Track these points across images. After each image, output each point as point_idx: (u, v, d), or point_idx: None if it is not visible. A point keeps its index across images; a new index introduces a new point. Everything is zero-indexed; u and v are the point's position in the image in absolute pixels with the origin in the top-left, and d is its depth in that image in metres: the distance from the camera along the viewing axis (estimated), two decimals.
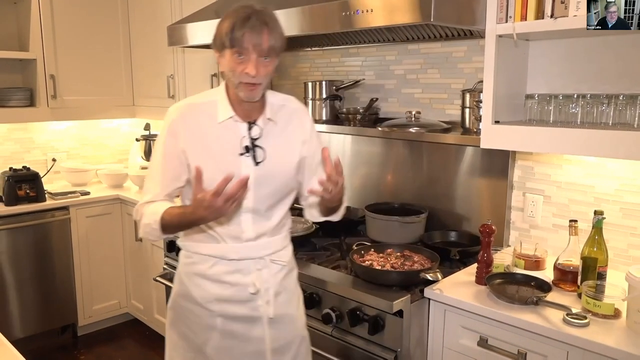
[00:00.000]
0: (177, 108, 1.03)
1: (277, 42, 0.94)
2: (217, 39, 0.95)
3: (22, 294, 2.07)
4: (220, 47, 0.95)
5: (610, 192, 1.27)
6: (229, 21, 0.92)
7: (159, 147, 1.02)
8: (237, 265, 1.02)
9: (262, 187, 1.01)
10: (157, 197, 1.01)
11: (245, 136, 1.00)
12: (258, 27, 0.91)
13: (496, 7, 1.15)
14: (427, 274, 1.16)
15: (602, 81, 1.20)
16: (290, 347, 1.08)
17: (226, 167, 0.96)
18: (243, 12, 0.92)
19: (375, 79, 1.75)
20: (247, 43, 0.91)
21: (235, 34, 0.91)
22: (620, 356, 0.90)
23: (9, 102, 2.19)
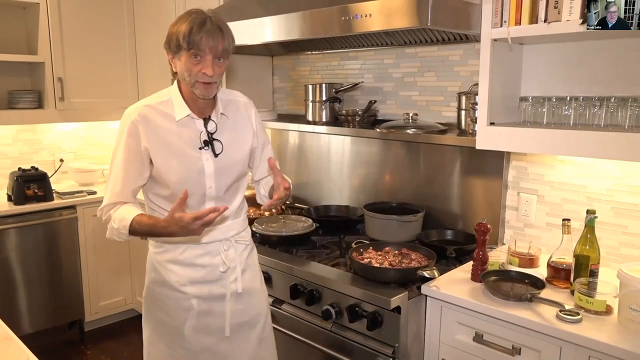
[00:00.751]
0: (134, 110, 1.06)
1: (230, 45, 1.02)
2: (173, 41, 1.01)
3: (30, 290, 2.11)
4: (176, 49, 1.01)
5: (602, 191, 1.29)
6: (186, 25, 0.98)
7: (120, 148, 1.05)
8: (206, 248, 1.10)
9: (222, 177, 1.10)
10: (121, 197, 1.06)
11: (202, 131, 1.08)
12: (213, 31, 0.98)
13: (491, 12, 1.17)
14: (424, 272, 1.17)
15: (594, 84, 1.22)
16: (259, 320, 1.18)
17: (189, 161, 1.06)
18: (199, 17, 0.99)
19: (373, 82, 1.77)
20: (204, 46, 0.98)
21: (193, 37, 0.97)
22: (612, 351, 0.92)
23: (18, 104, 2.23)
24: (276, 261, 1.39)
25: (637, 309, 0.96)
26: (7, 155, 2.37)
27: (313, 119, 1.83)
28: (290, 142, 2.07)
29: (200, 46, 0.98)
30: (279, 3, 1.50)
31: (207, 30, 0.98)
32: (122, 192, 1.06)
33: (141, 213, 1.05)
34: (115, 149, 1.07)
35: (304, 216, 1.69)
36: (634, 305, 0.97)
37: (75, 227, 2.22)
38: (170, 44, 1.02)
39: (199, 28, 0.97)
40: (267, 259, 1.42)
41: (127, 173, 1.05)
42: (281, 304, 1.41)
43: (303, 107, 1.90)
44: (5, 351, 0.86)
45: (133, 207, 1.06)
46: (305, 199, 2.01)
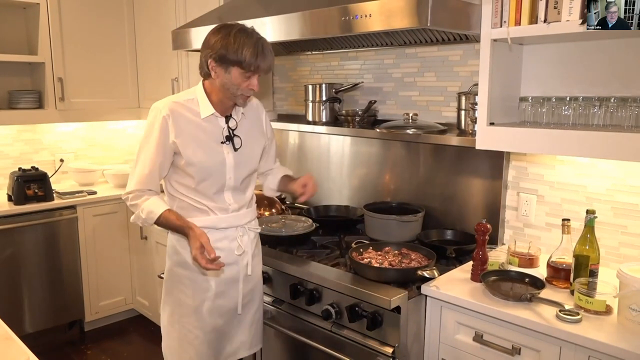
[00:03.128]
0: (164, 105, 1.16)
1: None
2: (228, 57, 1.09)
3: (30, 290, 2.11)
4: (229, 65, 1.10)
5: (602, 191, 1.29)
6: (249, 50, 1.07)
7: (152, 139, 1.15)
8: (224, 233, 1.22)
9: (240, 169, 1.23)
10: (147, 184, 1.16)
11: (224, 127, 1.20)
12: (269, 55, 1.11)
13: (491, 12, 1.17)
14: (424, 272, 1.18)
15: (593, 84, 1.22)
16: (258, 302, 1.34)
17: (213, 153, 1.18)
18: (256, 41, 1.09)
19: (373, 82, 1.77)
20: (261, 69, 1.11)
21: (258, 63, 1.09)
22: (612, 351, 0.92)
23: (19, 104, 2.23)
24: (276, 261, 1.39)
25: (636, 309, 0.97)
26: (8, 155, 2.38)
27: (313, 119, 1.83)
28: (290, 142, 2.07)
29: (259, 70, 1.10)
30: (279, 3, 1.50)
31: (266, 55, 1.10)
32: (149, 179, 1.16)
33: (169, 209, 1.17)
34: (144, 139, 1.16)
35: (304, 216, 1.69)
36: (633, 305, 0.97)
37: (76, 227, 2.23)
38: (222, 58, 1.09)
39: (262, 55, 1.09)
40: (267, 259, 1.42)
41: (155, 163, 1.15)
42: (281, 303, 1.41)
43: (303, 107, 1.90)
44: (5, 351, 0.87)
45: (160, 200, 1.18)
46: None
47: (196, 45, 1.74)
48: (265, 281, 1.44)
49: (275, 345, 1.46)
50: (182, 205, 1.21)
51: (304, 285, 1.33)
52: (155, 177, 1.17)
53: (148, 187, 1.16)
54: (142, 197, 1.16)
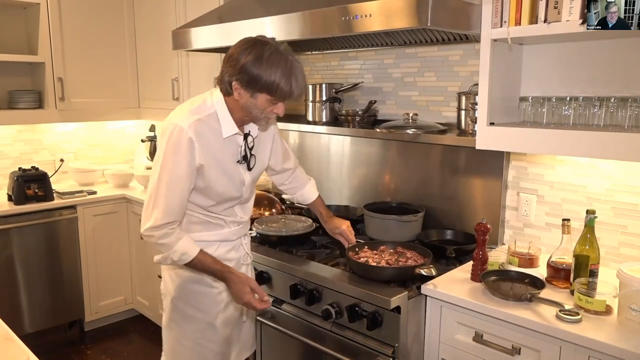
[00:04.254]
0: (189, 124, 1.04)
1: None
2: (257, 83, 1.00)
3: (30, 290, 2.11)
4: (256, 91, 1.02)
5: (602, 191, 1.29)
6: (280, 77, 0.99)
7: (180, 164, 1.04)
8: (233, 244, 1.22)
9: (252, 185, 1.22)
10: (178, 215, 1.07)
11: (242, 146, 1.15)
12: (301, 82, 1.04)
13: (491, 12, 1.17)
14: (421, 270, 1.18)
15: (593, 84, 1.22)
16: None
17: (233, 174, 1.14)
18: (290, 67, 1.00)
19: (373, 82, 1.77)
20: (293, 97, 1.04)
21: (290, 90, 1.02)
22: (612, 351, 0.92)
23: (19, 104, 2.23)
24: (276, 261, 1.39)
25: (636, 309, 0.97)
26: (8, 155, 2.38)
27: (313, 119, 1.83)
28: (290, 142, 2.07)
29: (289, 98, 1.04)
30: (279, 3, 1.50)
31: (299, 83, 1.02)
32: (179, 211, 1.07)
33: (202, 251, 1.10)
34: (168, 162, 1.04)
35: (304, 216, 1.69)
36: (633, 305, 0.97)
37: (76, 227, 2.23)
38: (250, 83, 1.01)
39: (295, 83, 1.01)
40: (267, 259, 1.42)
41: (185, 191, 1.06)
42: (281, 303, 1.41)
43: (303, 107, 1.90)
44: (5, 351, 0.87)
45: (191, 239, 1.10)
46: None
47: (196, 45, 1.74)
48: (265, 281, 1.44)
49: (275, 346, 1.46)
50: (193, 220, 1.14)
51: (304, 285, 1.33)
52: (185, 206, 1.08)
53: (177, 219, 1.06)
54: (171, 234, 1.05)
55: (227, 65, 1.04)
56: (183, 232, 1.09)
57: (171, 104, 2.32)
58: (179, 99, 2.27)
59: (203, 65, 2.11)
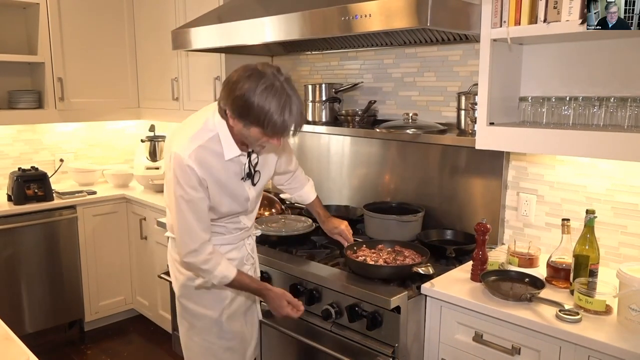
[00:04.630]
0: (189, 156, 1.04)
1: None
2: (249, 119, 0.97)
3: (30, 290, 2.11)
4: (249, 124, 0.98)
5: (602, 191, 1.29)
6: (272, 114, 0.95)
7: (189, 188, 1.05)
8: (235, 245, 1.24)
9: (257, 198, 1.24)
10: (208, 233, 1.11)
11: (246, 164, 1.15)
12: (297, 120, 0.99)
13: (491, 12, 1.17)
14: (419, 268, 1.19)
15: (593, 84, 1.22)
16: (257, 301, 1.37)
17: (237, 193, 1.15)
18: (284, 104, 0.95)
19: (373, 82, 1.77)
20: (285, 135, 1.01)
21: (282, 130, 0.98)
22: (611, 351, 0.92)
23: (19, 104, 2.23)
24: (276, 261, 1.39)
25: (636, 309, 0.97)
26: (7, 155, 2.38)
27: (313, 119, 1.83)
28: (290, 142, 2.07)
29: (282, 136, 1.00)
30: (279, 3, 1.50)
31: (294, 121, 0.98)
32: (205, 226, 1.11)
33: (239, 272, 1.14)
34: (177, 190, 1.06)
35: (303, 216, 1.69)
36: (633, 305, 0.97)
37: (76, 227, 2.23)
38: (242, 115, 0.98)
39: (290, 125, 0.97)
40: (267, 259, 1.42)
41: (201, 210, 1.08)
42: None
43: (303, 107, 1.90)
44: (5, 351, 0.87)
45: (228, 262, 1.14)
46: None
47: (196, 45, 1.74)
48: (265, 281, 1.43)
49: (275, 346, 1.46)
50: None
51: (304, 285, 1.33)
52: (209, 221, 1.11)
53: (207, 237, 1.10)
54: (210, 260, 1.09)
55: (223, 90, 1.01)
56: (220, 256, 1.13)
57: (171, 104, 2.32)
58: (178, 99, 2.27)
59: (203, 65, 2.11)
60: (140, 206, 2.28)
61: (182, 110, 2.27)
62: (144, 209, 2.25)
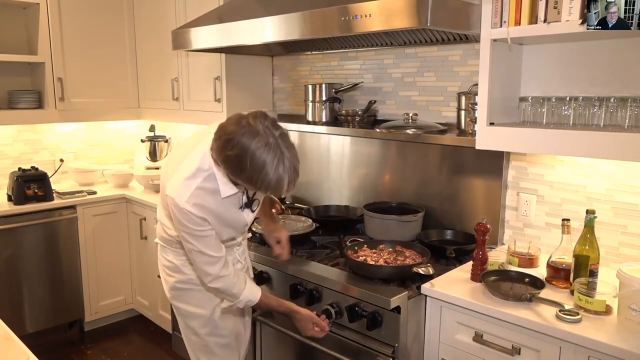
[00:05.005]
0: (187, 201, 1.03)
1: None
2: (243, 179, 0.97)
3: (30, 290, 2.11)
4: (244, 182, 0.98)
5: (602, 191, 1.29)
6: (264, 179, 0.94)
7: (200, 233, 1.07)
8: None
9: (253, 220, 1.25)
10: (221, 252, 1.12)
11: (243, 196, 1.16)
12: (292, 178, 0.97)
13: (491, 12, 1.17)
14: (419, 268, 1.19)
15: (593, 84, 1.22)
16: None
17: (236, 224, 1.16)
18: (275, 167, 0.94)
19: (373, 82, 1.78)
20: (277, 195, 1.06)
21: (278, 191, 0.98)
22: (611, 351, 0.92)
23: (19, 104, 2.23)
24: (276, 261, 1.39)
25: (636, 309, 0.97)
26: (8, 155, 2.38)
27: (313, 119, 1.83)
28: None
29: (275, 194, 1.07)
30: (279, 3, 1.50)
31: (289, 183, 0.97)
32: (220, 247, 1.13)
33: (264, 295, 1.19)
34: (184, 228, 1.07)
35: (303, 216, 1.69)
36: (633, 305, 0.97)
37: (76, 227, 2.23)
38: (233, 173, 0.97)
39: (285, 185, 0.96)
40: (267, 259, 1.42)
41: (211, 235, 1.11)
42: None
43: (303, 108, 1.90)
44: (5, 351, 0.87)
45: (252, 284, 1.19)
46: (305, 199, 2.01)
47: (196, 45, 1.74)
48: (265, 281, 1.44)
49: (275, 346, 1.47)
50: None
51: (304, 285, 1.33)
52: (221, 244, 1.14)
53: (223, 254, 1.12)
54: (235, 284, 1.13)
55: (215, 141, 0.99)
56: (243, 280, 1.16)
57: (171, 104, 2.32)
58: (178, 99, 2.27)
59: (203, 65, 2.11)
60: (140, 206, 2.28)
61: (182, 110, 2.27)
62: (144, 209, 2.25)
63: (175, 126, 2.72)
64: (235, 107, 2.04)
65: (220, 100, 2.03)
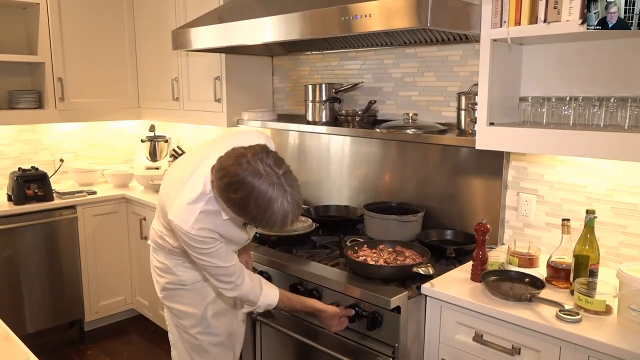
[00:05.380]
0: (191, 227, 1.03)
1: None
2: (247, 219, 0.98)
3: (30, 290, 2.11)
4: (247, 220, 0.99)
5: (602, 191, 1.29)
6: (268, 221, 0.95)
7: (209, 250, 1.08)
8: None
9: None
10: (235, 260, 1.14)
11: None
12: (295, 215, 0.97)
13: (491, 12, 1.17)
14: (419, 269, 1.19)
15: (593, 84, 1.22)
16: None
17: (239, 240, 1.18)
18: (279, 207, 0.94)
19: (373, 82, 1.78)
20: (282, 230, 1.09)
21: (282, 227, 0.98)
22: (611, 351, 0.92)
23: (19, 104, 2.23)
24: (276, 261, 1.40)
25: (636, 309, 0.97)
26: (8, 155, 2.38)
27: (313, 119, 1.83)
28: (290, 142, 2.07)
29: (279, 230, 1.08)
30: (279, 3, 1.50)
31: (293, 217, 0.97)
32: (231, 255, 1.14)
33: (282, 297, 1.19)
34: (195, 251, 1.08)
35: (303, 216, 1.69)
36: (633, 305, 0.97)
37: (76, 227, 2.23)
38: (237, 212, 0.97)
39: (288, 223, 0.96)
40: (267, 259, 1.42)
41: (223, 249, 1.11)
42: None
43: (303, 107, 1.90)
44: (5, 351, 0.87)
45: (269, 287, 1.19)
46: (305, 199, 2.01)
47: (196, 46, 1.74)
48: None
49: (275, 346, 1.47)
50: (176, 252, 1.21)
51: (304, 285, 1.33)
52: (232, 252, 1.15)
53: (236, 261, 1.13)
54: (251, 291, 1.13)
55: (216, 180, 0.97)
56: (259, 285, 1.16)
57: (171, 104, 2.32)
58: (178, 99, 2.27)
59: (203, 65, 2.11)
60: (140, 206, 2.28)
61: (182, 110, 2.27)
62: (144, 209, 2.25)
63: (175, 126, 2.72)
64: (235, 107, 2.04)
65: (220, 100, 2.03)
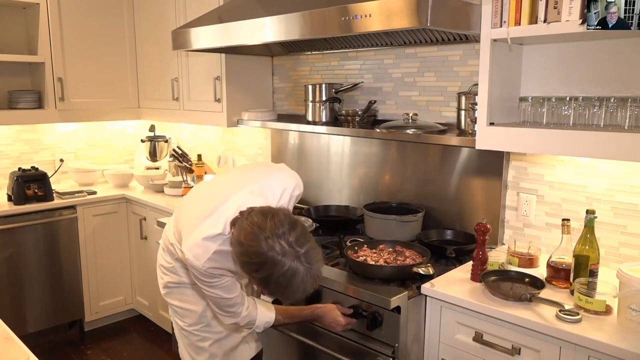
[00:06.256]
0: (207, 265, 1.03)
1: None
2: (272, 293, 0.99)
3: (30, 290, 2.12)
4: (255, 280, 0.98)
5: (602, 191, 1.29)
6: (293, 295, 0.94)
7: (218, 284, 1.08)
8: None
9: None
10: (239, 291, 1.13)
11: None
12: (313, 285, 0.96)
13: (491, 12, 1.17)
14: (419, 269, 1.19)
15: (593, 84, 1.22)
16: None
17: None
18: (304, 286, 0.94)
19: (373, 82, 1.78)
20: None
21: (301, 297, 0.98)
22: (611, 351, 0.92)
23: (19, 104, 2.23)
24: None
25: (636, 309, 0.97)
26: (8, 155, 2.38)
27: (313, 119, 1.83)
28: (290, 142, 2.07)
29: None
30: (279, 3, 1.50)
31: (312, 287, 0.96)
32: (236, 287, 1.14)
33: (279, 311, 1.20)
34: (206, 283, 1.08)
35: (303, 216, 1.69)
36: (633, 305, 0.97)
37: (76, 227, 2.23)
38: (259, 284, 0.97)
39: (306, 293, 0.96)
40: None
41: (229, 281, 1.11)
42: (281, 303, 1.41)
43: (303, 107, 1.90)
44: (5, 351, 0.87)
45: (264, 308, 1.18)
46: (305, 199, 2.01)
47: (196, 46, 1.74)
48: None
49: (275, 346, 1.47)
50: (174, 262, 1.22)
51: None
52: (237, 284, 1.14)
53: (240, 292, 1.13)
54: (249, 314, 1.14)
55: (237, 255, 0.97)
56: (255, 307, 1.16)
57: (171, 104, 2.32)
58: (178, 99, 2.27)
59: (203, 65, 2.11)
60: (140, 206, 2.28)
61: (182, 110, 2.27)
62: (144, 209, 2.25)
63: (175, 126, 2.72)
64: (235, 107, 2.04)
65: (220, 100, 2.03)
